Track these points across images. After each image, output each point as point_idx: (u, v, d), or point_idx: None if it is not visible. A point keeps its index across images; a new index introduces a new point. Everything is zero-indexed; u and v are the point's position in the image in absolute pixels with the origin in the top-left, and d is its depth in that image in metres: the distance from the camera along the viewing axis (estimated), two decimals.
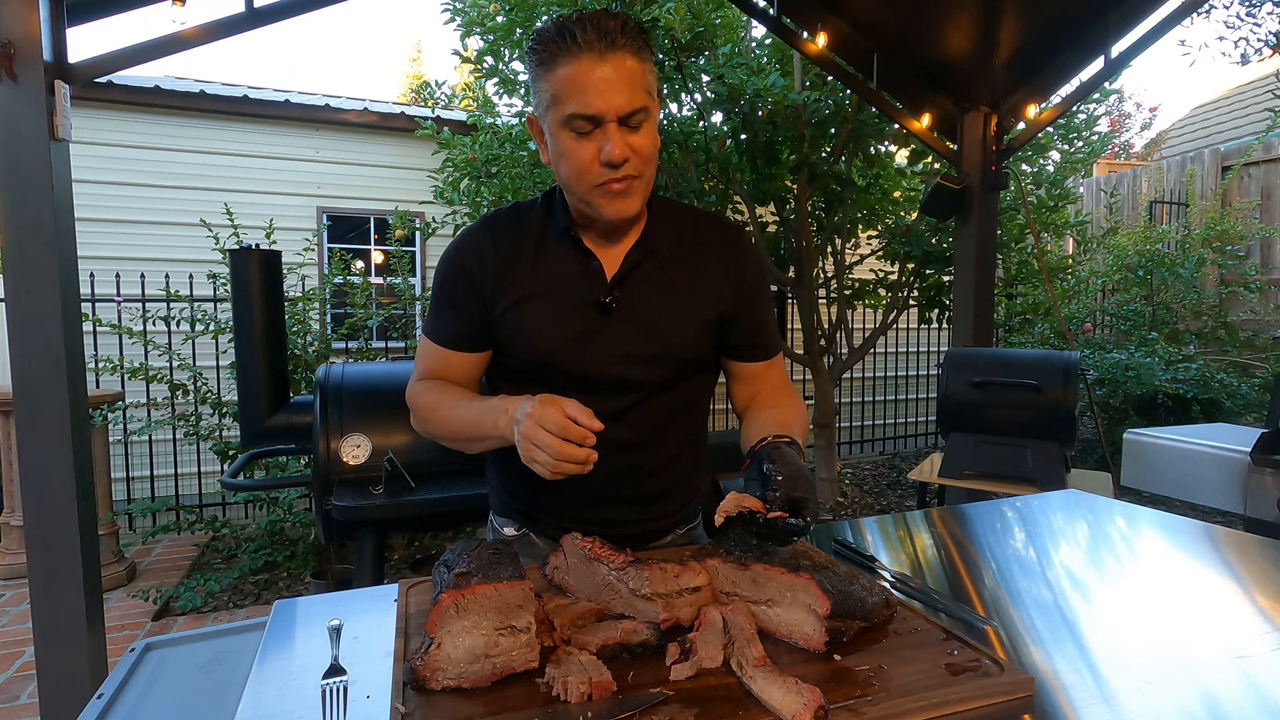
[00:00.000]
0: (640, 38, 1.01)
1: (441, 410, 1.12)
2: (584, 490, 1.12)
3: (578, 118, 0.99)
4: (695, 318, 1.14)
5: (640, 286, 1.12)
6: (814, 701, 0.68)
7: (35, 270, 2.01)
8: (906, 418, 7.25)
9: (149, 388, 3.92)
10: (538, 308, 1.11)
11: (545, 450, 0.93)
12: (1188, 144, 10.76)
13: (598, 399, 1.06)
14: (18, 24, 1.94)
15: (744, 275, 1.18)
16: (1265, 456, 2.59)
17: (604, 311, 1.11)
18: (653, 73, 1.04)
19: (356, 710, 0.74)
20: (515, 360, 1.15)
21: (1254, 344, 5.89)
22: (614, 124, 0.99)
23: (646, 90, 1.01)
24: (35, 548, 2.06)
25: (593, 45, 0.97)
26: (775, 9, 3.31)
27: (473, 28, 4.47)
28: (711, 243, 1.17)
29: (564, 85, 0.98)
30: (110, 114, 5.00)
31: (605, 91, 0.97)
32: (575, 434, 0.92)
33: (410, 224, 4.80)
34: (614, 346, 1.11)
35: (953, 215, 3.61)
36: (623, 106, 0.98)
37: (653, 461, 1.18)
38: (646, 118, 1.02)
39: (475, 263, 1.13)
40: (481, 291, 1.13)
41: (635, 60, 0.99)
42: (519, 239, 1.14)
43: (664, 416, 1.17)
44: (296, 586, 3.67)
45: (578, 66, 0.97)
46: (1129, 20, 3.12)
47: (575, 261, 1.12)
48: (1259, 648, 0.87)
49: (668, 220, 1.16)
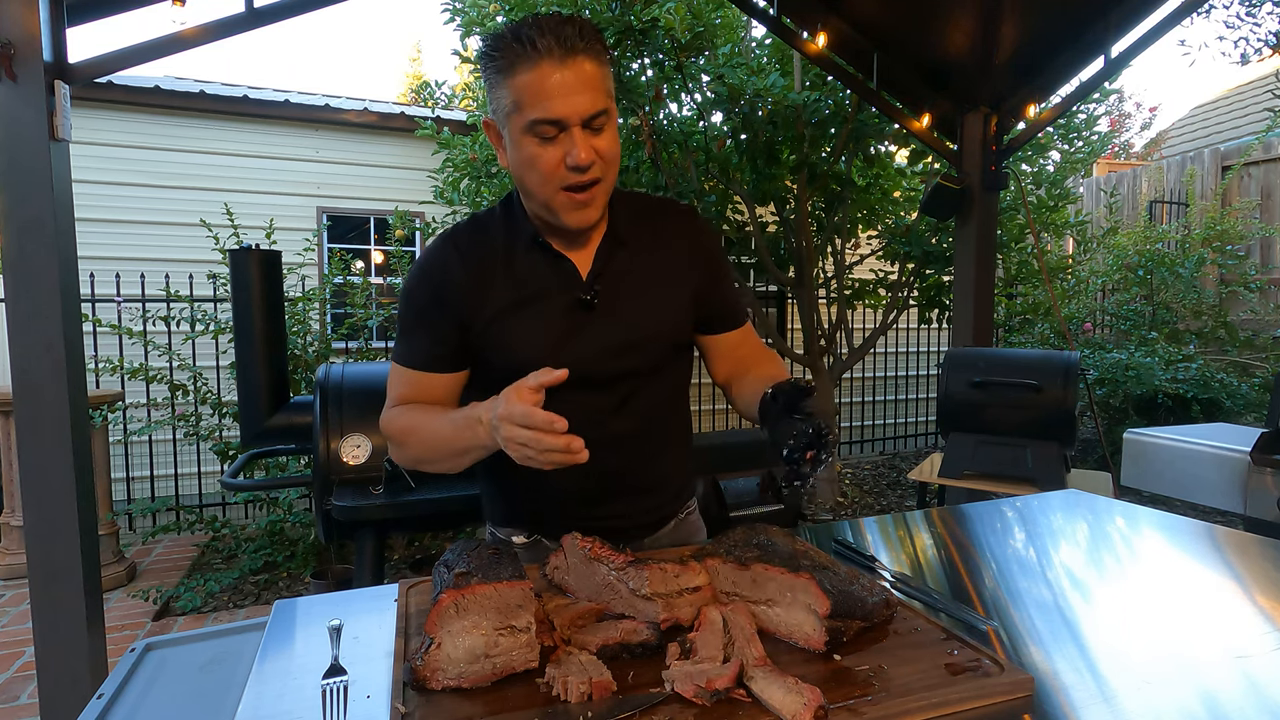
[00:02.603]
0: (598, 41, 1.02)
1: (420, 432, 1.10)
2: (590, 486, 1.15)
3: (541, 123, 0.99)
4: (672, 300, 1.17)
5: (616, 279, 1.14)
6: (814, 701, 0.68)
7: (35, 270, 2.01)
8: (906, 418, 7.25)
9: (149, 388, 3.91)
10: (520, 316, 1.11)
11: (523, 447, 0.92)
12: (1188, 144, 10.76)
13: (593, 395, 1.09)
14: (18, 24, 1.94)
15: (708, 252, 1.22)
16: (1265, 456, 2.59)
17: (586, 309, 1.12)
18: (610, 76, 1.05)
19: (356, 710, 0.74)
20: (500, 371, 1.09)
21: (1254, 344, 5.89)
22: (578, 128, 1.00)
23: (606, 93, 1.02)
24: (35, 548, 2.06)
25: (552, 51, 0.97)
26: (775, 9, 3.31)
27: (472, 28, 4.47)
28: (671, 226, 1.21)
29: (525, 91, 0.99)
30: (110, 114, 5.00)
31: (567, 95, 0.98)
32: (540, 420, 0.90)
33: (410, 224, 4.80)
34: (601, 341, 1.12)
35: (953, 215, 3.61)
36: (585, 110, 0.99)
37: (651, 447, 1.20)
38: (608, 120, 1.03)
39: (445, 281, 1.12)
40: (457, 309, 1.12)
41: (594, 63, 1.00)
42: (486, 251, 1.14)
43: (657, 402, 1.20)
44: (296, 586, 3.67)
45: (538, 72, 0.98)
46: (1129, 20, 3.13)
47: (548, 265, 1.13)
48: (1259, 648, 0.87)
49: (627, 211, 1.18)
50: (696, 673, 0.73)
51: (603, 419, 1.13)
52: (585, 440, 0.97)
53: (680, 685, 0.73)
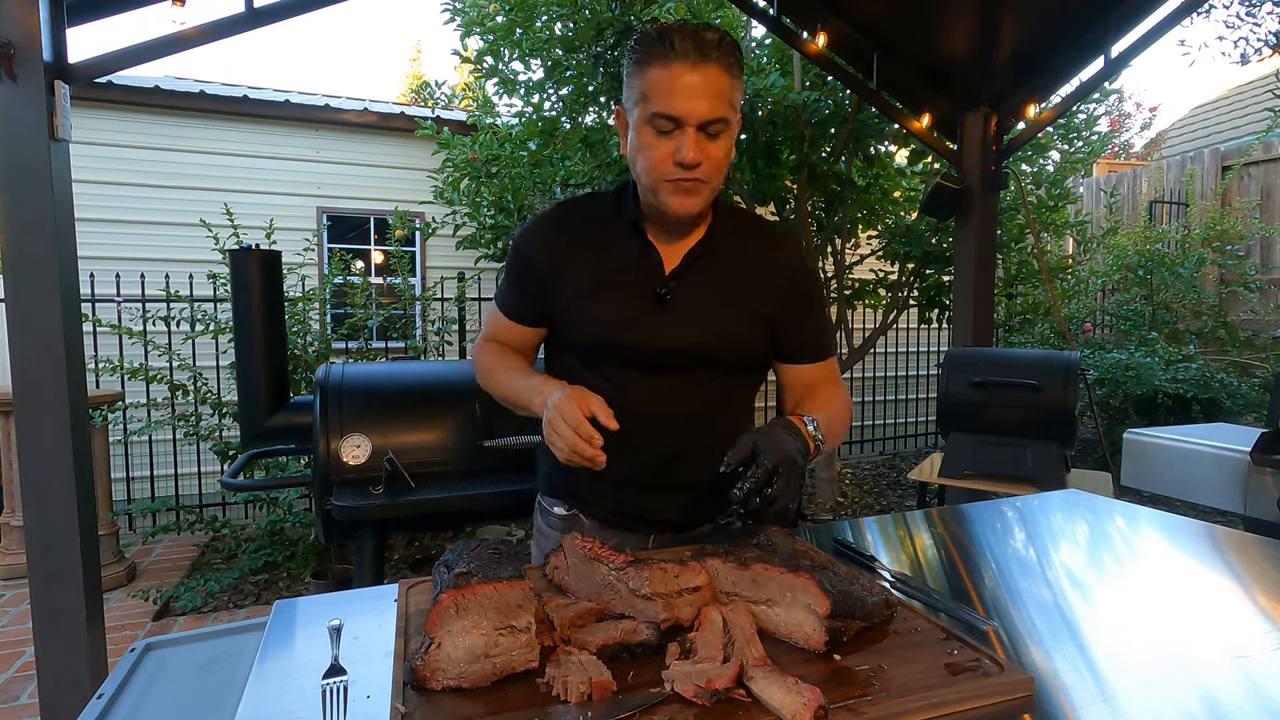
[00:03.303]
0: (733, 54, 1.08)
1: (496, 375, 1.25)
2: (631, 475, 1.21)
3: (661, 116, 1.06)
4: (746, 312, 1.21)
5: (696, 281, 1.19)
6: (814, 701, 0.68)
7: (35, 270, 2.01)
8: (906, 418, 7.25)
9: (149, 388, 3.91)
10: (597, 297, 1.19)
11: (561, 439, 1.03)
12: (1188, 144, 10.76)
13: (650, 380, 1.17)
14: (18, 24, 1.94)
15: (798, 283, 1.25)
16: (1265, 456, 2.59)
17: (659, 303, 1.17)
18: (739, 90, 1.11)
19: (356, 710, 0.74)
20: (575, 342, 1.23)
21: (1254, 344, 5.89)
22: (693, 128, 1.06)
23: (730, 104, 1.08)
24: (35, 548, 2.06)
25: (687, 54, 1.04)
26: (775, 9, 3.31)
27: (472, 28, 4.46)
28: (765, 244, 1.25)
29: (654, 85, 1.06)
30: (110, 114, 5.00)
31: (691, 97, 1.05)
32: (585, 431, 1.01)
33: (410, 224, 4.80)
34: (669, 336, 1.17)
35: (953, 215, 3.61)
36: (705, 114, 1.05)
37: (695, 448, 1.22)
38: (725, 129, 1.09)
39: (538, 255, 1.23)
40: (540, 283, 1.23)
41: (724, 75, 1.07)
42: (590, 226, 1.23)
43: (708, 406, 1.23)
44: (296, 586, 3.67)
45: (670, 70, 1.05)
46: (1129, 20, 3.13)
47: (637, 252, 1.19)
48: (1259, 648, 0.87)
49: (730, 223, 1.24)
50: (696, 673, 0.73)
51: (663, 408, 1.19)
52: (638, 423, 1.12)
53: (680, 685, 0.73)
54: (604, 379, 1.19)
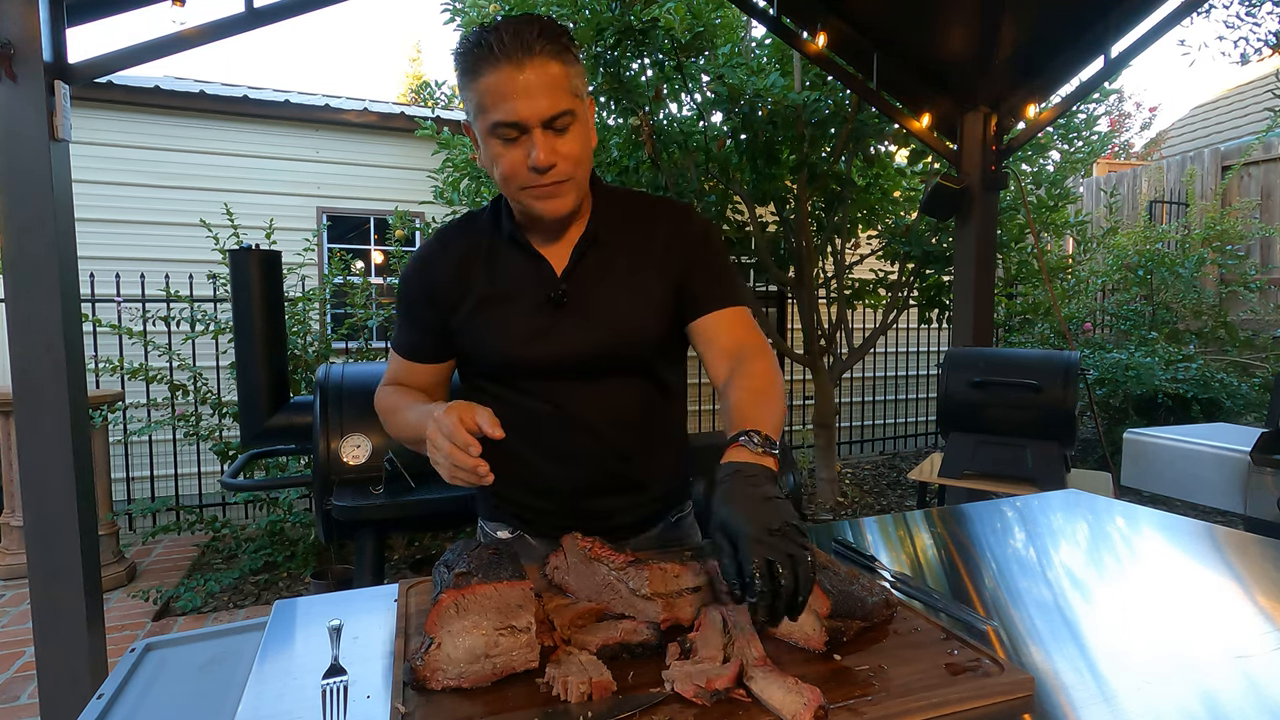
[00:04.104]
0: (561, 40, 1.01)
1: (396, 415, 1.16)
2: (575, 482, 1.17)
3: (502, 125, 1.00)
4: (649, 299, 1.14)
5: (588, 277, 1.14)
6: (814, 701, 0.68)
7: (35, 270, 2.01)
8: (906, 418, 7.25)
9: (149, 388, 3.91)
10: (494, 312, 1.14)
11: (438, 452, 0.95)
12: (1188, 144, 10.76)
13: (571, 385, 1.13)
14: (18, 24, 1.94)
15: (690, 237, 1.16)
16: (1265, 456, 2.59)
17: (557, 306, 1.13)
18: (579, 75, 1.04)
19: (356, 710, 0.74)
20: (477, 364, 1.19)
21: (1254, 344, 5.89)
22: (538, 129, 1.00)
23: (571, 93, 1.02)
24: (35, 548, 2.06)
25: (511, 53, 0.97)
26: (775, 9, 3.31)
27: (472, 27, 4.45)
28: (658, 221, 1.18)
29: (487, 93, 1.00)
30: (110, 114, 5.00)
31: (526, 98, 0.98)
32: (460, 439, 0.92)
33: (410, 224, 4.80)
34: (573, 339, 1.13)
35: (953, 215, 3.61)
36: (545, 111, 0.99)
37: (633, 446, 1.19)
38: (573, 120, 1.02)
39: (430, 276, 1.17)
40: (439, 303, 1.16)
41: (557, 64, 1.00)
42: (471, 247, 1.17)
43: (636, 401, 1.18)
44: (296, 586, 3.67)
45: (499, 75, 0.98)
46: (1129, 20, 3.13)
47: (525, 262, 1.15)
48: (1259, 648, 0.87)
49: (613, 209, 1.17)
50: (696, 673, 0.73)
51: (585, 412, 1.15)
52: (564, 431, 1.12)
53: (680, 685, 0.73)
54: (522, 393, 1.15)
